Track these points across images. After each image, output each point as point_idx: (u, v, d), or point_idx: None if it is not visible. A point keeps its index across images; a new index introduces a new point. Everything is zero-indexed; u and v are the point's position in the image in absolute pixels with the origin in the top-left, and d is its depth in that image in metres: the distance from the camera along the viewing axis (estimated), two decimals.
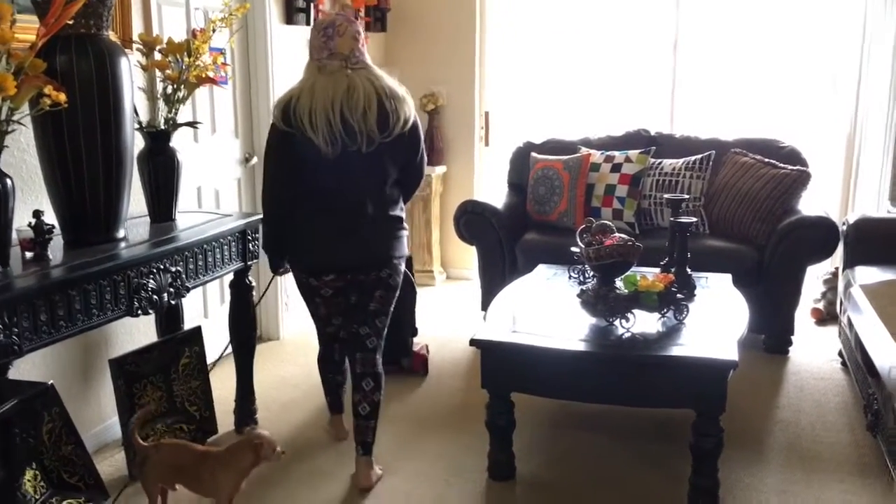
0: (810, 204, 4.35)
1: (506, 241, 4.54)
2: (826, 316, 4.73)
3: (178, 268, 2.78)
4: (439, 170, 5.66)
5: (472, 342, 2.86)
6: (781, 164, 4.40)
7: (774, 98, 5.26)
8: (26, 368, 2.79)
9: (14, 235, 2.40)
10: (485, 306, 4.41)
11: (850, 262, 3.97)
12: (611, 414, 3.41)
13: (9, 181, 2.31)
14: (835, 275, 4.66)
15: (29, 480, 2.43)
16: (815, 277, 4.77)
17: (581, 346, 2.81)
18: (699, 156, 4.55)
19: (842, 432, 3.34)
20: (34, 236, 2.43)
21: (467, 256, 5.58)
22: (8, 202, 2.30)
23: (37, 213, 2.44)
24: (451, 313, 4.98)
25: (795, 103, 5.24)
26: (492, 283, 4.44)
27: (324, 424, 3.39)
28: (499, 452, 2.97)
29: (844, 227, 4.07)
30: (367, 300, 2.95)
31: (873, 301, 3.37)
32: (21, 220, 2.47)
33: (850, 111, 5.03)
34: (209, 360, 3.37)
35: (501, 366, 2.86)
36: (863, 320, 3.35)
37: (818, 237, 4.06)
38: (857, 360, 3.50)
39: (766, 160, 4.44)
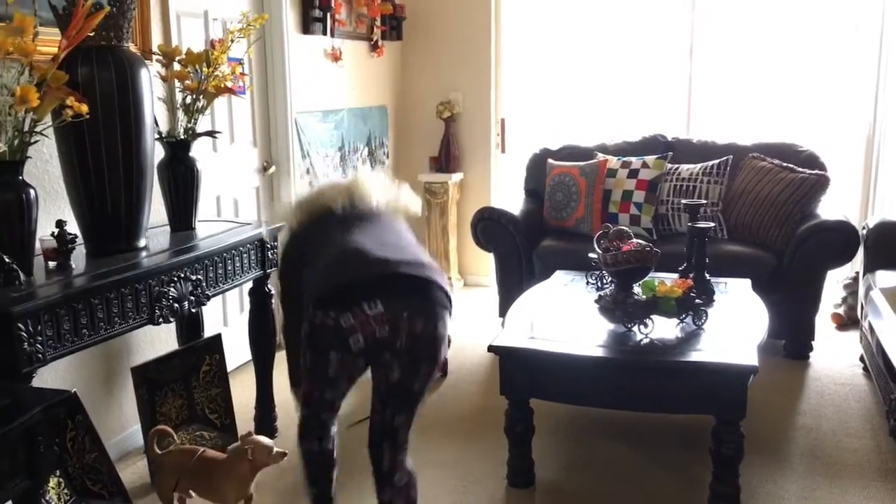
0: (829, 208, 4.33)
1: (523, 248, 4.54)
2: (847, 321, 4.69)
3: (199, 276, 2.81)
4: (456, 177, 5.67)
5: (491, 348, 2.86)
6: (800, 169, 4.37)
7: (792, 102, 5.23)
8: (49, 377, 2.82)
9: (37, 245, 2.43)
10: (502, 313, 4.41)
11: (870, 267, 3.93)
12: (630, 420, 3.40)
13: (32, 191, 2.34)
14: (855, 279, 4.62)
15: (53, 488, 2.45)
16: (835, 282, 4.74)
17: (600, 353, 2.81)
18: (716, 161, 4.53)
19: (864, 438, 3.31)
20: (57, 246, 2.46)
21: (484, 263, 5.58)
22: (31, 212, 2.33)
23: (59, 223, 2.47)
24: (469, 320, 4.98)
25: (813, 107, 5.21)
26: (509, 290, 4.44)
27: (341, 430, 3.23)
28: (518, 459, 2.96)
29: (864, 231, 4.04)
30: (411, 378, 2.17)
31: (894, 305, 3.34)
32: (44, 230, 2.50)
33: (869, 114, 5.00)
34: (229, 367, 3.39)
35: (520, 372, 2.85)
36: (884, 325, 3.32)
37: (838, 241, 4.03)
38: (879, 365, 3.47)
39: (785, 164, 4.42)
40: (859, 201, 5.10)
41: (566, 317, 3.23)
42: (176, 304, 2.68)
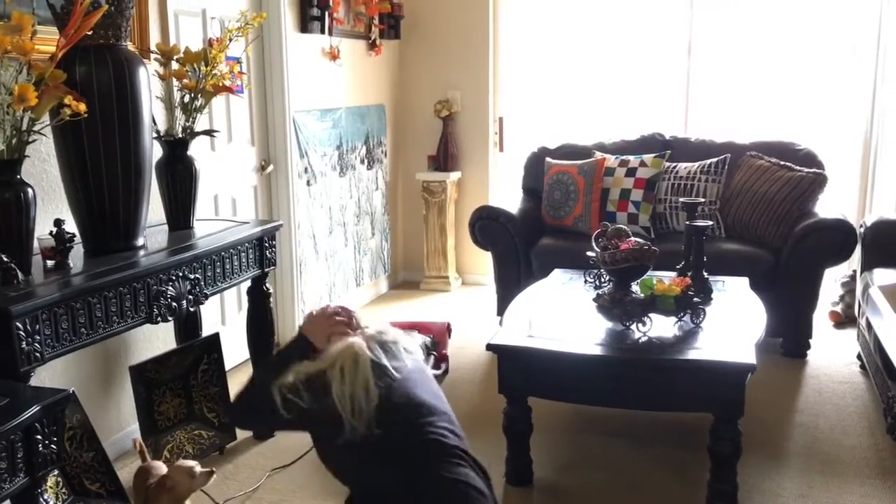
0: (827, 206, 4.33)
1: (521, 247, 4.54)
2: (844, 319, 4.70)
3: (197, 275, 2.81)
4: (454, 176, 5.67)
5: (489, 347, 2.86)
6: (797, 167, 4.38)
7: (790, 100, 5.24)
8: (47, 375, 2.82)
9: (35, 244, 2.43)
10: (501, 311, 4.42)
11: (867, 265, 3.94)
12: (628, 418, 3.41)
13: (30, 190, 2.34)
14: (852, 277, 4.63)
15: (51, 487, 2.45)
16: (832, 280, 4.75)
17: (598, 351, 2.81)
18: (714, 159, 4.54)
19: (862, 436, 3.32)
20: (55, 245, 2.46)
21: (482, 262, 5.58)
22: (29, 211, 2.33)
23: (58, 222, 2.46)
24: (467, 319, 4.98)
25: (811, 105, 5.21)
26: (507, 289, 4.44)
27: None
28: (516, 457, 2.97)
29: (862, 229, 4.05)
30: None
31: (892, 303, 3.34)
32: (42, 229, 2.50)
33: (867, 112, 5.00)
34: (228, 365, 3.39)
35: (518, 370, 2.86)
36: (881, 322, 3.33)
37: (835, 240, 4.04)
38: (877, 363, 3.48)
39: (782, 163, 4.43)
40: (857, 199, 5.11)
41: (564, 315, 3.23)
42: (174, 303, 2.68)
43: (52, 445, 1.98)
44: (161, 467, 2.61)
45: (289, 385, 2.10)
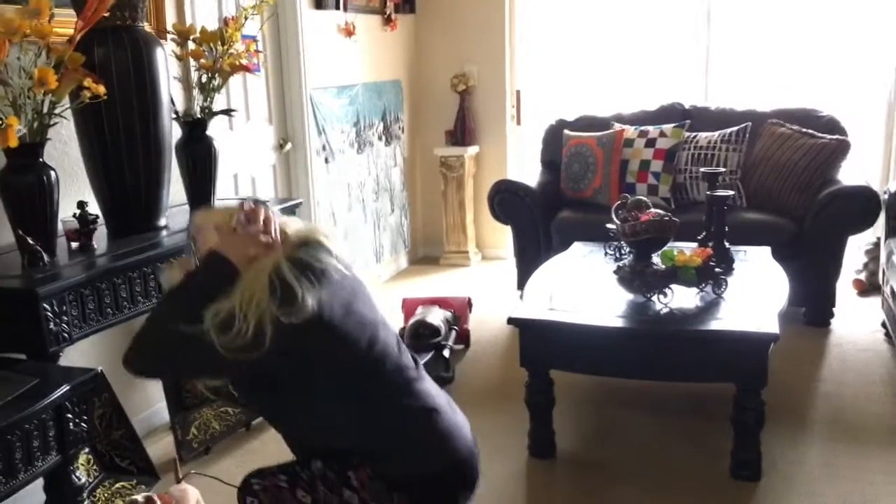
0: (850, 174, 4.28)
1: (540, 220, 4.53)
2: (868, 287, 4.66)
3: None
4: (472, 150, 5.65)
5: (510, 321, 2.87)
6: (820, 134, 4.33)
7: (811, 67, 5.15)
8: (75, 356, 2.85)
9: (59, 226, 2.46)
10: (521, 285, 4.42)
11: (892, 232, 3.90)
12: (650, 390, 3.41)
13: (53, 173, 2.37)
14: (877, 245, 4.58)
15: (82, 464, 2.50)
16: (856, 248, 4.70)
17: (619, 323, 2.81)
18: (735, 128, 4.49)
19: (886, 404, 3.30)
20: (79, 227, 2.49)
21: (502, 236, 5.58)
22: (53, 194, 2.36)
23: (81, 204, 2.49)
24: (488, 293, 4.99)
25: (833, 72, 5.13)
26: (527, 262, 4.44)
27: None
28: (539, 430, 2.98)
29: (886, 196, 4.00)
30: None
31: None
32: (66, 212, 2.53)
33: (890, 78, 4.92)
34: None
35: (540, 344, 2.86)
36: None
37: (859, 207, 3.99)
38: None
39: (804, 130, 4.37)
40: (881, 166, 5.04)
41: (585, 288, 3.23)
42: None
43: (83, 424, 2.02)
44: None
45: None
